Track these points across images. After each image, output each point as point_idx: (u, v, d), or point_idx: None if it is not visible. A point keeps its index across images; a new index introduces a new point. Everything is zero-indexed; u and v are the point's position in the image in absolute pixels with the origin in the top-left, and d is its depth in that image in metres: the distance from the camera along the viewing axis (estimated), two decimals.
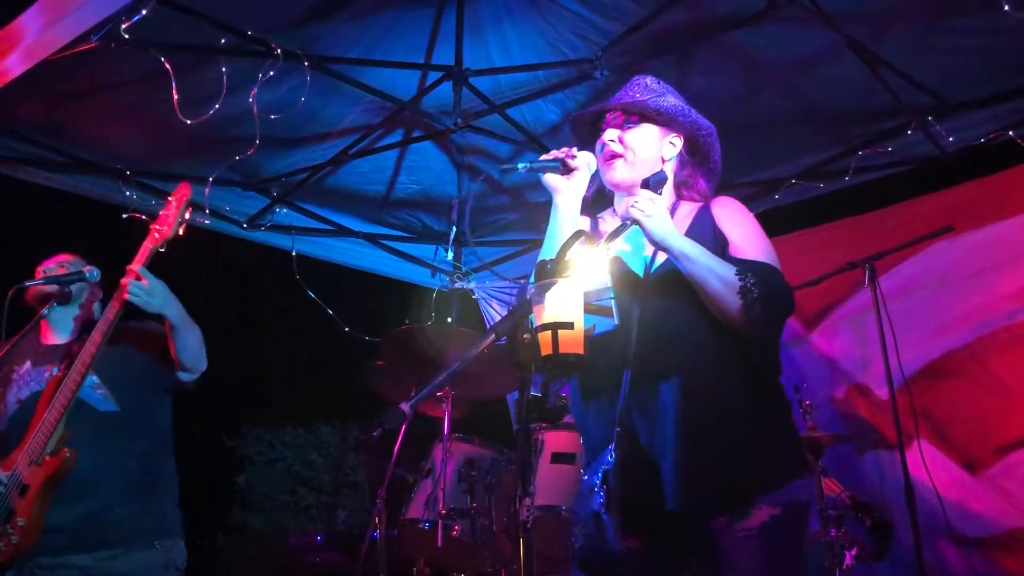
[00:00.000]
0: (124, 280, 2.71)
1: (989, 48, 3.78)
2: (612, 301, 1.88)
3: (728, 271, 1.88)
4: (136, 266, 2.73)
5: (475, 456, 3.48)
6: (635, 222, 1.91)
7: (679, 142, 2.13)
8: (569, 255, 1.72)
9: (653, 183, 1.97)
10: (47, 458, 2.70)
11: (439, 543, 3.40)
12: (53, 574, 2.69)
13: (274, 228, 5.09)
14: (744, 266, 1.90)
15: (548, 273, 1.68)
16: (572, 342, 1.63)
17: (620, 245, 2.03)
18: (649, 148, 2.10)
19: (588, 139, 2.18)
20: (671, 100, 2.12)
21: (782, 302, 1.92)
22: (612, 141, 2.10)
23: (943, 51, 3.82)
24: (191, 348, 2.84)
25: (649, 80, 2.17)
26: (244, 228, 5.03)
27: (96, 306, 3.07)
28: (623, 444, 1.89)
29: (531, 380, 1.64)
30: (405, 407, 1.56)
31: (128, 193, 4.48)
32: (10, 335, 3.00)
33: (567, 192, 2.08)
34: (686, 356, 1.92)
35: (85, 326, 3.00)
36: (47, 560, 2.69)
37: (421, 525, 3.52)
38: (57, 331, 3.01)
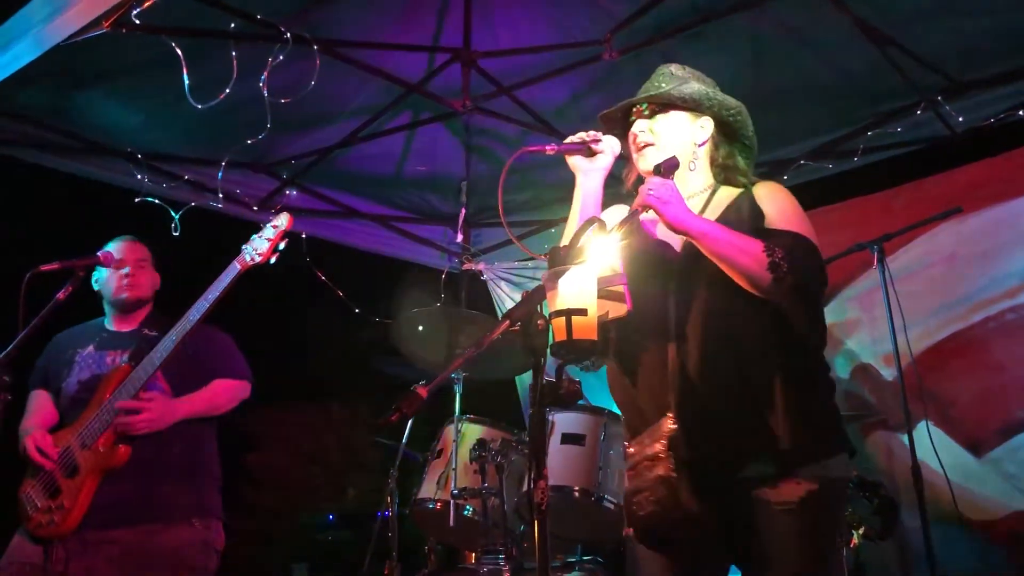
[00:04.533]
0: (126, 421, 2.81)
1: (1000, 27, 3.77)
2: (624, 287, 1.90)
3: (754, 246, 1.91)
4: (124, 404, 2.82)
5: (487, 437, 3.51)
6: (650, 208, 1.92)
7: (709, 124, 2.16)
8: (582, 241, 1.74)
9: (664, 169, 1.99)
10: (101, 448, 2.81)
11: (451, 522, 3.44)
12: (98, 549, 2.79)
13: (284, 210, 5.10)
14: (772, 240, 1.92)
15: (561, 259, 1.70)
16: (586, 328, 1.65)
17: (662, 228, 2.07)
18: (678, 133, 2.15)
19: (621, 134, 2.22)
20: (695, 85, 2.16)
21: (813, 273, 1.95)
22: (642, 132, 2.16)
23: (954, 30, 3.81)
24: (216, 412, 3.04)
25: (674, 68, 2.21)
26: (255, 211, 5.04)
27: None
28: (683, 413, 1.95)
29: (544, 365, 1.67)
30: (422, 392, 1.59)
31: (139, 176, 4.50)
32: (27, 319, 3.03)
33: (590, 174, 2.13)
34: (726, 329, 1.97)
35: (150, 315, 3.14)
36: (92, 535, 2.79)
37: (433, 505, 3.56)
38: (123, 320, 3.12)
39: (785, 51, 4.01)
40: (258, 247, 2.86)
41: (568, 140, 2.13)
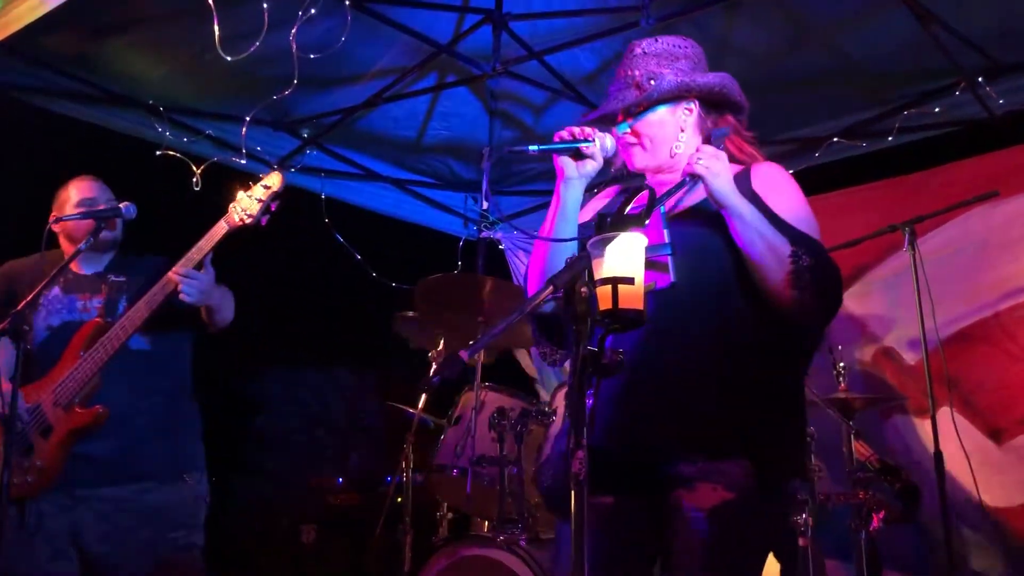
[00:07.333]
0: (174, 277, 2.68)
1: None
2: (670, 257, 1.84)
3: (783, 245, 1.82)
4: (181, 268, 2.69)
5: (506, 406, 3.49)
6: (697, 177, 1.86)
7: (693, 106, 2.06)
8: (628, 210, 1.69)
9: (715, 138, 1.93)
10: (77, 408, 2.73)
11: (468, 489, 3.43)
12: (88, 505, 2.74)
13: (304, 170, 5.05)
14: (800, 244, 1.83)
15: (609, 228, 1.65)
16: (632, 297, 1.61)
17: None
18: (663, 127, 2.05)
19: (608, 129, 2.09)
20: (668, 77, 2.02)
21: (832, 293, 1.86)
22: (626, 134, 2.06)
23: (998, 9, 3.72)
24: (225, 317, 2.90)
25: (645, 46, 2.07)
26: (275, 169, 4.99)
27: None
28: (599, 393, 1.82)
29: (587, 334, 1.62)
30: (464, 355, 1.54)
31: (160, 129, 4.45)
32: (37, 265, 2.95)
33: (572, 183, 2.02)
34: (700, 327, 1.88)
35: (114, 259, 3.02)
36: (81, 492, 2.74)
37: (450, 471, 3.55)
38: (88, 261, 2.97)
39: (823, 26, 3.92)
40: (247, 207, 2.71)
41: (556, 137, 1.99)
